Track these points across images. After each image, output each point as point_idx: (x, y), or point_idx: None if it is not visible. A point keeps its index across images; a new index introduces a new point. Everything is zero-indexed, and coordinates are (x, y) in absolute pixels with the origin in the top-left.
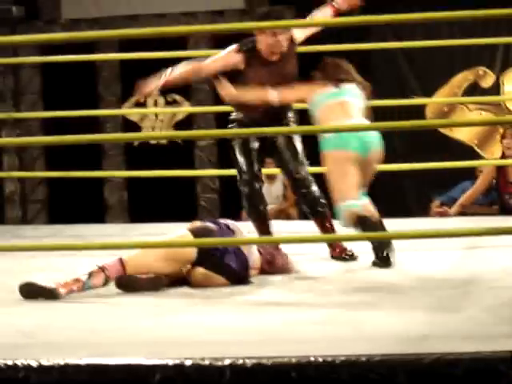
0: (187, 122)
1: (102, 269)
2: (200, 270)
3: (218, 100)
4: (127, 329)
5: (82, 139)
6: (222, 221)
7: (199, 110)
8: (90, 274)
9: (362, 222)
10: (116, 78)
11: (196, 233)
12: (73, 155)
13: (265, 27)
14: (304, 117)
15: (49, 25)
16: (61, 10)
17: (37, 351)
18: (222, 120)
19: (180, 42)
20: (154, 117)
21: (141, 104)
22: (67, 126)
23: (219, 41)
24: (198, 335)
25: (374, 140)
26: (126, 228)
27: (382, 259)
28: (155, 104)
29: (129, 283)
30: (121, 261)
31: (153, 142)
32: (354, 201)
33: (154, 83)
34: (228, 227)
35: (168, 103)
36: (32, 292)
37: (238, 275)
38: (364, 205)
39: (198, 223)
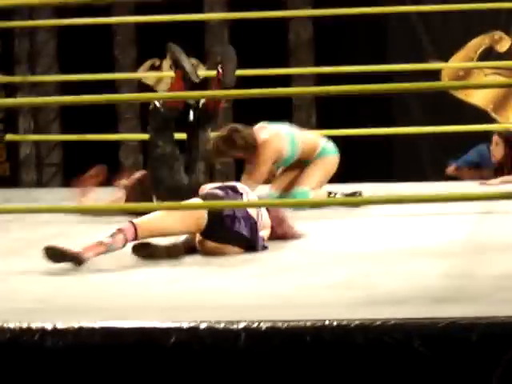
0: (203, 85)
1: (121, 231)
2: (209, 244)
3: None
4: (142, 294)
5: (97, 99)
6: (229, 184)
7: (214, 73)
8: (112, 237)
9: None
10: (131, 42)
11: (205, 199)
12: (88, 118)
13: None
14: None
15: None
16: None
17: (52, 315)
18: (238, 82)
19: (195, 6)
20: (170, 80)
21: (156, 67)
22: (82, 89)
23: (234, 4)
24: (212, 300)
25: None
26: None
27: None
28: (170, 68)
29: (145, 250)
30: (133, 224)
31: None
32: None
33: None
34: (235, 190)
35: None
36: (56, 256)
37: (249, 242)
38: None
39: (205, 189)
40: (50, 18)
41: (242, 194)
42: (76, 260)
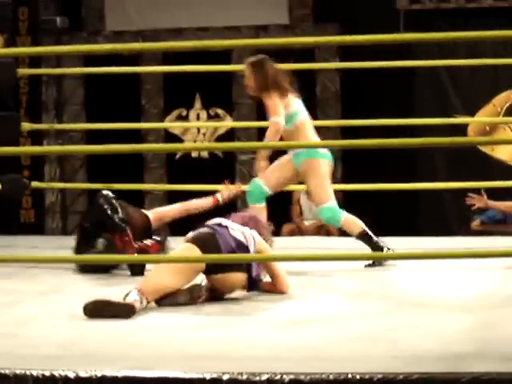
0: (229, 137)
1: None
2: (215, 277)
3: (261, 115)
4: (163, 342)
5: (123, 149)
6: (211, 222)
7: (241, 124)
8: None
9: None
10: (159, 91)
11: (198, 242)
12: (114, 167)
13: (310, 42)
14: None
15: (93, 36)
16: (105, 21)
17: (74, 362)
18: (263, 134)
19: (223, 56)
20: (196, 130)
21: (183, 117)
22: (109, 138)
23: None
24: (234, 350)
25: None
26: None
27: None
28: (197, 118)
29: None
30: (140, 291)
31: (194, 154)
32: (335, 203)
33: None
34: (220, 225)
35: (210, 117)
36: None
37: (246, 266)
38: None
39: (191, 234)
40: (78, 66)
41: (226, 227)
42: (128, 312)
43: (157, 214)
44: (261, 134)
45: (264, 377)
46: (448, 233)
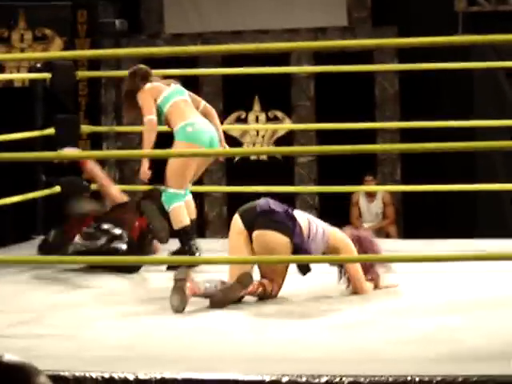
0: (288, 139)
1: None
2: (258, 235)
3: (320, 117)
4: (223, 343)
5: (171, 154)
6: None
7: (300, 126)
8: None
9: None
10: (218, 93)
11: (240, 210)
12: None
13: (369, 44)
14: None
15: (152, 39)
16: (164, 24)
17: (134, 364)
18: (323, 137)
19: (282, 58)
20: (255, 133)
21: (242, 120)
22: (167, 140)
23: (321, 57)
24: (293, 352)
25: (216, 136)
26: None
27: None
28: (256, 120)
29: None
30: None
31: (253, 157)
32: (183, 192)
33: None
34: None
35: (269, 119)
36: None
37: (292, 229)
38: (186, 201)
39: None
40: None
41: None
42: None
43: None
44: (319, 136)
45: (323, 379)
46: (505, 233)
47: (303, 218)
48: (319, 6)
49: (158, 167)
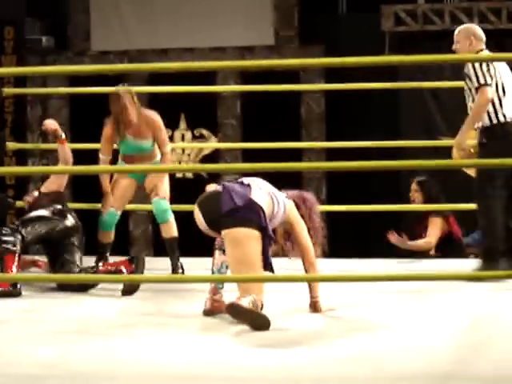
0: (214, 157)
1: None
2: (223, 232)
3: (246, 136)
4: (152, 363)
5: (106, 169)
6: (239, 179)
7: (226, 145)
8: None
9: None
10: None
11: (200, 202)
12: (99, 188)
13: (295, 64)
14: None
15: (78, 56)
16: (90, 41)
17: (58, 382)
18: (249, 156)
19: (208, 77)
20: (181, 151)
21: (168, 138)
22: (94, 157)
23: (247, 76)
24: (215, 371)
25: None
26: (150, 261)
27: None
28: (182, 138)
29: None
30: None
31: (179, 175)
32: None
33: None
34: (242, 183)
35: (195, 137)
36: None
37: (258, 221)
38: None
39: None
40: (63, 86)
41: (249, 185)
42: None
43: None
44: (246, 154)
45: None
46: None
47: (266, 198)
48: (246, 25)
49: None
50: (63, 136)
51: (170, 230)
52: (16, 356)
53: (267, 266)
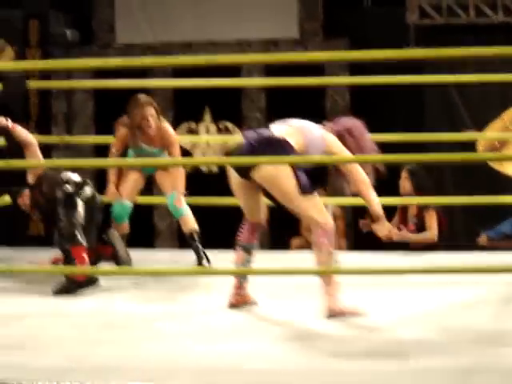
0: None
1: None
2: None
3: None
4: (174, 355)
5: (131, 163)
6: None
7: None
8: None
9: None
10: (169, 105)
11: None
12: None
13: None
14: None
15: (103, 49)
16: (115, 34)
17: (82, 375)
18: None
19: (233, 70)
20: (206, 144)
21: (193, 131)
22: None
23: (272, 69)
24: (243, 364)
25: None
26: (175, 254)
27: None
28: (207, 131)
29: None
30: None
31: (204, 169)
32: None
33: None
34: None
35: (220, 131)
36: None
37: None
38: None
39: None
40: (88, 79)
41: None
42: None
43: None
44: None
45: None
46: (454, 247)
47: (288, 129)
48: (270, 18)
49: None
50: (9, 123)
51: (187, 223)
52: (44, 349)
53: (304, 190)
